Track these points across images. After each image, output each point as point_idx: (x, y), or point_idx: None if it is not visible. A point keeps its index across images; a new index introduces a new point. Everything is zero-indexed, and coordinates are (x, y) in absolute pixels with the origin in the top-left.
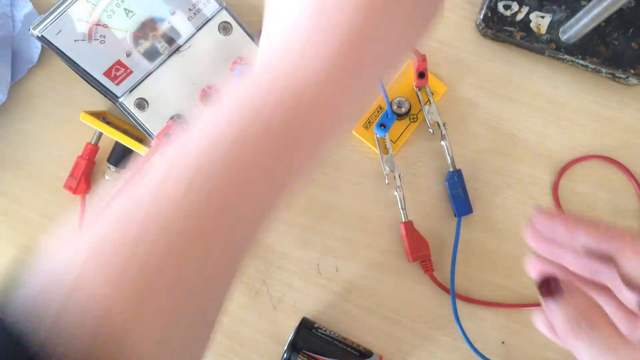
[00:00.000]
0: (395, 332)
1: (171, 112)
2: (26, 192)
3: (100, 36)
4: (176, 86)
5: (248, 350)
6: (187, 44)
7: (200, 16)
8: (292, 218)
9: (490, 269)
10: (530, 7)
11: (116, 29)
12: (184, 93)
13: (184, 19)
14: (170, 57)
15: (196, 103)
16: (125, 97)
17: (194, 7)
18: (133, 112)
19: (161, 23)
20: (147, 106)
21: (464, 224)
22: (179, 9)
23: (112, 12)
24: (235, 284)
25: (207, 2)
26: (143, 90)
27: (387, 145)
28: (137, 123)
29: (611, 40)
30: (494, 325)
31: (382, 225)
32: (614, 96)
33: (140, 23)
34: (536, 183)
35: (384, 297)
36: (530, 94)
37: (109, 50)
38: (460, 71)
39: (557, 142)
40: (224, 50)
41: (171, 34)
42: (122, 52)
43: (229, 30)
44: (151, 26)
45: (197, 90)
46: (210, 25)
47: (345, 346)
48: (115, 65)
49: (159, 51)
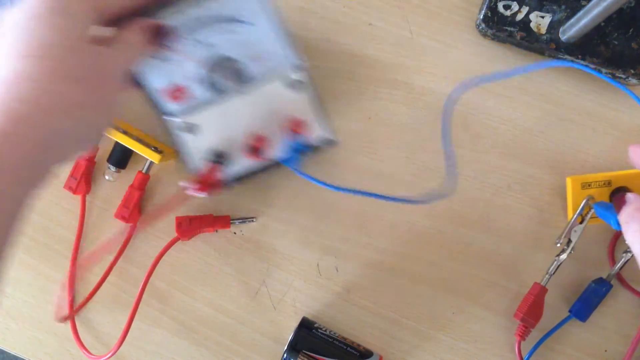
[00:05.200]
0: (395, 332)
1: (212, 146)
2: None
3: (176, 59)
4: (227, 124)
5: (248, 350)
6: (253, 89)
7: (275, 67)
8: (293, 218)
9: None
10: (530, 7)
11: (190, 57)
12: (231, 133)
13: (259, 66)
14: (232, 96)
15: (241, 148)
16: (174, 117)
17: (270, 57)
18: (178, 133)
19: (237, 63)
20: (193, 132)
21: None
22: (258, 56)
23: (194, 42)
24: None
25: (286, 57)
26: (196, 116)
27: (586, 217)
28: (178, 143)
29: (611, 40)
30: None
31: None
32: (614, 96)
33: (218, 58)
34: (537, 183)
35: (384, 297)
36: (530, 94)
37: (178, 72)
38: (460, 71)
39: (557, 142)
40: (286, 107)
41: (243, 75)
42: (189, 78)
43: (298, 89)
44: (227, 64)
45: (245, 135)
46: (283, 78)
47: (345, 346)
48: (177, 87)
49: (225, 87)
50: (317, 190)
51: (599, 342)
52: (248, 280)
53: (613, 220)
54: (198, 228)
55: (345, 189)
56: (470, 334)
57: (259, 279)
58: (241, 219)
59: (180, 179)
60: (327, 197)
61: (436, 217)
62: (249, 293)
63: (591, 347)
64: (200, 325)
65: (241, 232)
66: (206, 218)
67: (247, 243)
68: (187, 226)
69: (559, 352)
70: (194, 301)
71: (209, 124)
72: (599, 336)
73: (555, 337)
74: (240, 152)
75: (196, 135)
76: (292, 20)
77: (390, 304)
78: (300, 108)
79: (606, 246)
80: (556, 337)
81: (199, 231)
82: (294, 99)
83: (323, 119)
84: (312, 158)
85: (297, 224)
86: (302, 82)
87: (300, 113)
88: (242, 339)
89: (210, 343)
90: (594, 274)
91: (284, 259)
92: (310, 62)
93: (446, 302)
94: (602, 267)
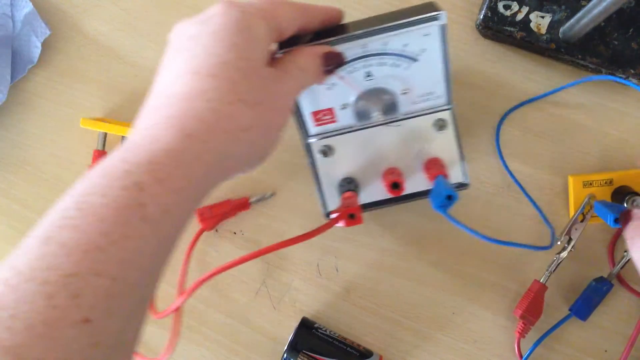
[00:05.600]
0: (395, 332)
1: (346, 173)
2: (26, 192)
3: (331, 84)
4: (366, 152)
5: (248, 350)
6: (398, 122)
7: (425, 104)
8: (293, 218)
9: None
10: (530, 7)
11: (350, 84)
12: (368, 162)
13: (409, 100)
14: (377, 126)
15: (375, 177)
16: (315, 139)
17: (425, 95)
18: (315, 155)
19: (389, 95)
20: (329, 156)
21: None
22: (412, 91)
23: (355, 69)
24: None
25: (438, 96)
26: (335, 141)
27: (587, 215)
28: (313, 166)
29: (611, 40)
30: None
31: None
32: (614, 96)
33: (373, 88)
34: (537, 182)
35: (384, 297)
36: (530, 94)
37: (329, 97)
38: (460, 71)
39: (557, 142)
40: (428, 144)
41: (391, 107)
42: (339, 103)
43: (442, 129)
44: (378, 94)
45: (382, 167)
46: (428, 116)
47: (345, 346)
48: (325, 110)
49: (370, 116)
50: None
51: (599, 342)
52: (248, 280)
53: (610, 217)
54: (220, 215)
55: (493, 239)
56: (470, 334)
57: (258, 279)
58: (260, 196)
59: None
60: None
61: (436, 217)
62: (249, 293)
63: (591, 347)
64: (200, 325)
65: (241, 232)
66: (225, 203)
67: (247, 243)
68: (209, 215)
69: (559, 351)
70: (194, 301)
71: (347, 150)
72: (599, 336)
73: (555, 336)
74: (373, 182)
75: (331, 159)
76: None
77: (390, 304)
78: (443, 148)
79: (607, 246)
80: (556, 336)
81: (221, 218)
82: (437, 137)
83: (463, 162)
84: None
85: (297, 224)
86: (447, 122)
87: (441, 153)
88: (242, 339)
89: (210, 343)
90: (595, 274)
91: (284, 259)
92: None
93: (446, 302)
94: (603, 267)
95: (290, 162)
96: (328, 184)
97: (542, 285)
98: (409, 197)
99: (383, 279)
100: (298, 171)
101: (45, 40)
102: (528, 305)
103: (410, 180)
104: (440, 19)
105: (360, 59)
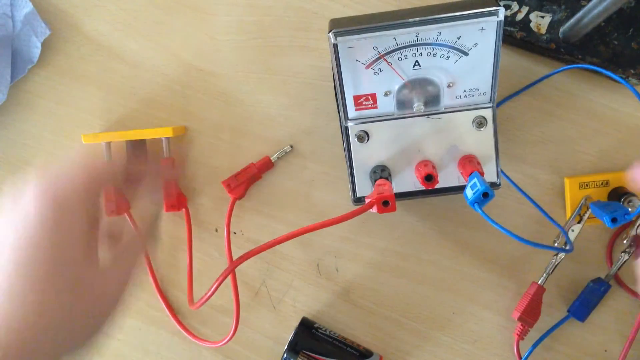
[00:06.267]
0: (395, 332)
1: (379, 161)
2: None
3: (378, 69)
4: (402, 142)
5: (248, 350)
6: (439, 115)
7: (468, 100)
8: (292, 219)
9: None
10: (530, 7)
11: (397, 72)
12: (402, 152)
13: (453, 95)
14: (416, 117)
15: (407, 167)
16: (352, 123)
17: (470, 91)
18: (351, 139)
19: (433, 87)
20: (364, 142)
21: None
22: (457, 86)
23: (404, 57)
24: None
25: (483, 93)
26: (372, 127)
27: (584, 217)
28: (348, 150)
29: (611, 40)
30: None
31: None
32: (614, 96)
33: (419, 78)
34: (536, 183)
35: (384, 297)
36: (530, 94)
37: (374, 82)
38: None
39: (558, 142)
40: (464, 140)
41: (433, 99)
42: (383, 90)
43: (481, 126)
44: (423, 84)
45: (416, 158)
46: (469, 112)
47: (345, 346)
48: (368, 95)
49: (412, 106)
50: (317, 191)
51: (597, 342)
52: (248, 280)
53: (606, 218)
54: (247, 180)
55: (525, 240)
56: (470, 334)
57: (258, 278)
58: (280, 152)
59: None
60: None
61: (436, 217)
62: (249, 293)
63: (590, 347)
64: (200, 326)
65: (241, 232)
66: (248, 168)
67: (247, 243)
68: (236, 184)
69: (558, 351)
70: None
71: (383, 137)
72: (597, 336)
73: (554, 337)
74: (405, 173)
75: (366, 144)
76: (291, 20)
77: (390, 304)
78: (479, 146)
79: (604, 247)
80: (555, 336)
81: (249, 183)
82: (475, 135)
83: (497, 162)
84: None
85: (297, 224)
86: (488, 120)
87: (477, 150)
88: (242, 338)
89: (210, 342)
90: (592, 274)
91: (284, 259)
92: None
93: (446, 302)
94: (601, 268)
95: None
96: (360, 169)
97: (540, 287)
98: (440, 191)
99: (383, 279)
100: (298, 171)
101: (45, 40)
102: (526, 307)
103: (442, 174)
104: (499, 15)
105: (412, 47)
